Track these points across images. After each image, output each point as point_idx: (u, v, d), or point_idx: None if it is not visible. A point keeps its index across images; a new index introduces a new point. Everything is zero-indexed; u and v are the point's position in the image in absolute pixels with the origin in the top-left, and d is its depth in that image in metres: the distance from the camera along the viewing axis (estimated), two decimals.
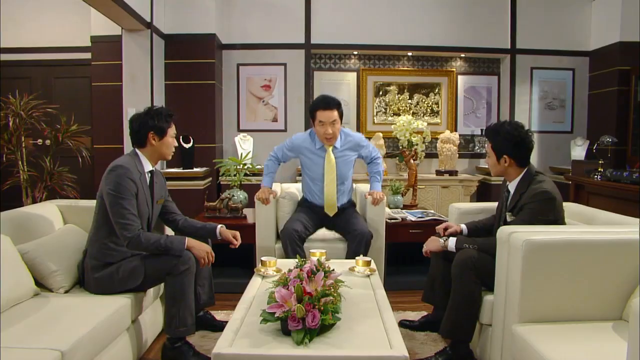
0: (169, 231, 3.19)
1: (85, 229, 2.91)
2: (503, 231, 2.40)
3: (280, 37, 6.53)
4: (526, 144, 2.70)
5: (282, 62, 6.56)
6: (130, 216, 2.58)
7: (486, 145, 2.84)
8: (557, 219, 2.56)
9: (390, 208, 4.60)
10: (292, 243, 3.50)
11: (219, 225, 3.06)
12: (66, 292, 2.65)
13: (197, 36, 5.98)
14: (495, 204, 3.09)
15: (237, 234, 3.07)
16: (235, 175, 4.48)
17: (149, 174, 2.84)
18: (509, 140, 2.69)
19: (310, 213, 3.78)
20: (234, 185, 4.47)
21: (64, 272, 2.64)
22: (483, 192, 6.55)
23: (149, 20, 5.45)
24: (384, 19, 6.58)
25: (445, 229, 3.11)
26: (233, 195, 4.36)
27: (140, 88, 5.52)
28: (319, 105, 3.58)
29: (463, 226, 3.10)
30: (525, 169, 2.73)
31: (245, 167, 4.62)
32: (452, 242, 2.81)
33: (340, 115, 3.61)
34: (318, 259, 2.40)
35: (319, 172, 3.69)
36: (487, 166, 6.45)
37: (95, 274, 2.62)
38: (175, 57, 6.00)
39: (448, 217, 3.56)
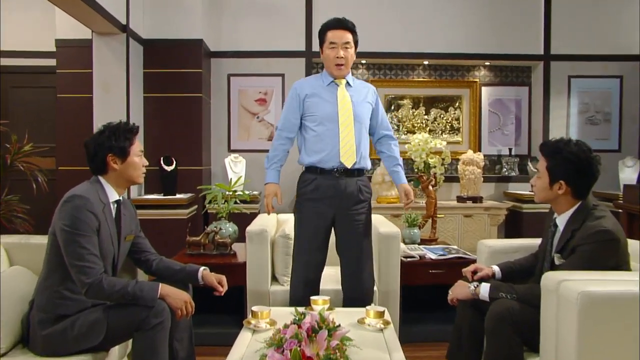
0: (141, 275, 3.02)
1: (37, 272, 2.70)
2: (550, 278, 2.21)
3: (278, 44, 6.49)
4: (592, 173, 2.54)
5: (279, 72, 6.51)
6: (90, 257, 2.40)
7: (538, 163, 2.67)
8: (620, 265, 2.37)
9: (405, 243, 4.45)
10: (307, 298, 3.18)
11: (202, 268, 2.88)
12: (4, 354, 2.44)
13: (181, 42, 5.90)
14: (536, 240, 2.93)
15: (223, 278, 2.89)
16: (224, 203, 4.34)
17: (115, 205, 2.68)
18: (572, 163, 2.52)
19: (317, 221, 3.24)
20: (222, 216, 4.33)
21: (2, 328, 2.43)
22: (513, 222, 6.41)
23: (124, 22, 5.36)
24: (396, 23, 6.53)
25: (475, 272, 2.93)
26: (220, 229, 4.21)
27: (114, 101, 5.39)
28: (330, 24, 3.29)
29: (496, 268, 2.92)
30: (581, 202, 2.57)
31: (236, 194, 4.48)
32: (484, 290, 2.62)
33: (355, 44, 3.32)
34: (320, 314, 2.23)
35: (329, 109, 3.25)
36: (518, 191, 6.48)
37: (44, 330, 2.41)
38: (156, 66, 5.92)
39: (477, 255, 3.38)
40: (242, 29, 6.47)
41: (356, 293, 3.25)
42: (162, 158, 5.70)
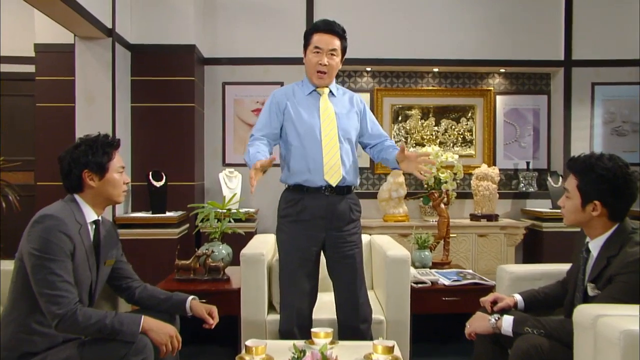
0: (122, 304, 2.95)
1: (3, 302, 2.58)
2: (584, 313, 2.08)
3: (276, 50, 6.45)
4: (630, 191, 2.41)
5: (278, 80, 6.41)
6: (63, 285, 2.30)
7: (567, 181, 2.56)
8: None
9: (415, 267, 4.38)
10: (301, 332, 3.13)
11: (190, 297, 2.80)
12: None
13: (172, 47, 5.85)
14: (563, 266, 2.85)
15: (214, 309, 2.81)
16: (217, 223, 4.27)
17: (93, 226, 2.60)
18: (608, 181, 2.40)
19: (307, 245, 3.13)
20: (214, 238, 4.26)
21: None
22: (532, 243, 6.31)
23: (110, 26, 5.31)
24: (403, 28, 6.47)
25: (494, 302, 2.82)
26: (213, 251, 4.13)
27: (99, 111, 5.32)
28: (318, 27, 3.24)
29: (518, 297, 2.82)
30: (618, 224, 2.44)
31: (230, 212, 4.39)
32: (507, 323, 2.49)
33: (343, 52, 3.26)
34: (321, 352, 2.12)
35: (312, 121, 3.16)
36: (537, 208, 6.38)
37: None
38: (145, 73, 5.87)
39: (496, 282, 3.30)
40: (238, 34, 6.43)
41: (354, 322, 3.17)
42: (150, 173, 5.62)
